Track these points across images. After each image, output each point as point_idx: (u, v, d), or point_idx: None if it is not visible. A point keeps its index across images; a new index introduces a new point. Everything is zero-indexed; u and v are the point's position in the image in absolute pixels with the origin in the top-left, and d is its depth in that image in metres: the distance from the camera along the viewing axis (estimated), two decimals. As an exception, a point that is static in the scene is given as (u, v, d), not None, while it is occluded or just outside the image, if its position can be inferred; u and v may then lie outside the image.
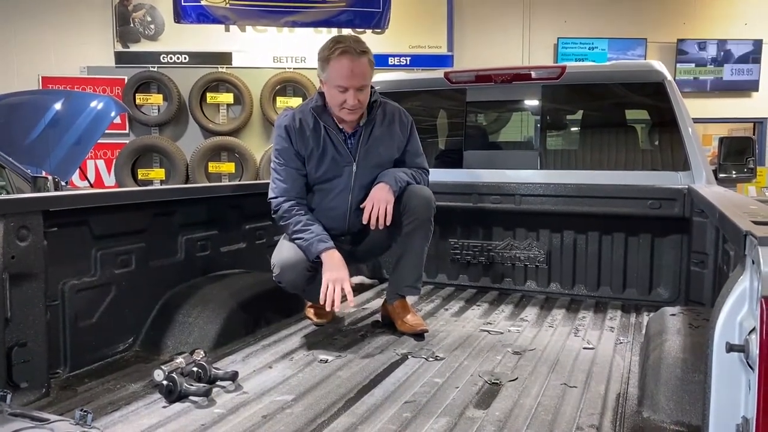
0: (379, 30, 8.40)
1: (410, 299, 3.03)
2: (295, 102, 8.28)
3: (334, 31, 8.20)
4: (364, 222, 2.72)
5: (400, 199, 2.80)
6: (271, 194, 2.78)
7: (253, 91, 8.69)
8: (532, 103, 3.90)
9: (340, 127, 2.77)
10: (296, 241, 2.70)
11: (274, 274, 2.75)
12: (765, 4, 8.84)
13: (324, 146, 2.74)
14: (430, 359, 2.51)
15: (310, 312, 3.02)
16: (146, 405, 2.06)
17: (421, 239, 2.86)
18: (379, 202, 2.68)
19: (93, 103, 5.60)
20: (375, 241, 2.93)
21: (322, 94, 2.76)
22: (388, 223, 2.70)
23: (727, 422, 1.27)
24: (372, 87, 2.79)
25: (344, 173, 2.78)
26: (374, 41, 8.64)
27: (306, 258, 2.69)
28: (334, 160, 2.76)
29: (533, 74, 3.66)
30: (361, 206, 2.75)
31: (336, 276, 2.59)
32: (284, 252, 2.75)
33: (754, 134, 8.85)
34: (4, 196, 2.58)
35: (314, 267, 2.72)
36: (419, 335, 2.80)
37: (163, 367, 2.15)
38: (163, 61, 8.79)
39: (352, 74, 2.61)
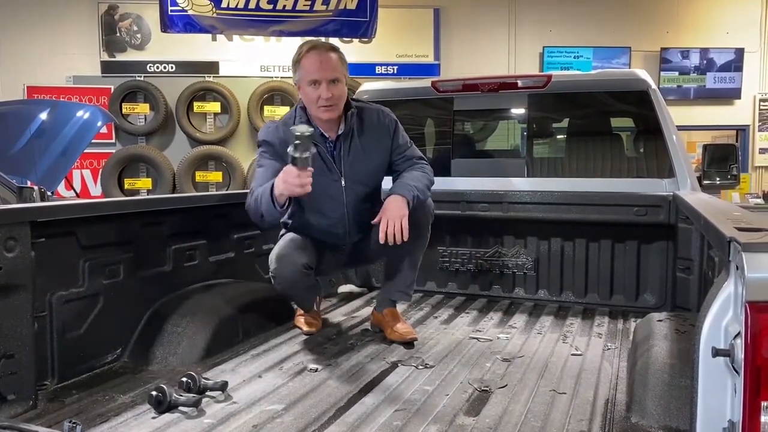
0: (366, 39, 8.42)
1: (400, 307, 3.03)
2: (283, 111, 8.27)
3: (321, 41, 8.20)
4: (381, 242, 2.57)
5: None
6: (253, 185, 2.71)
7: (241, 100, 8.69)
8: (518, 111, 3.94)
9: (326, 136, 2.77)
10: (262, 198, 2.53)
11: (270, 270, 2.76)
12: (746, 14, 8.99)
13: None
14: (420, 367, 2.51)
15: (299, 321, 3.01)
16: (135, 416, 2.04)
17: (417, 246, 2.86)
18: (394, 219, 2.56)
19: (79, 113, 5.55)
20: (375, 247, 2.90)
21: (303, 108, 2.78)
22: (405, 239, 2.57)
23: (713, 426, 1.29)
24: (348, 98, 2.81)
25: (334, 189, 2.78)
26: (361, 50, 8.70)
27: (302, 254, 2.70)
28: (322, 174, 2.73)
29: (519, 83, 3.69)
30: (372, 222, 2.65)
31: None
32: (280, 248, 2.79)
33: (736, 141, 8.97)
34: (-9, 207, 2.56)
35: (309, 266, 2.74)
36: (409, 343, 2.81)
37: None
38: (149, 70, 8.77)
39: (321, 66, 2.66)
